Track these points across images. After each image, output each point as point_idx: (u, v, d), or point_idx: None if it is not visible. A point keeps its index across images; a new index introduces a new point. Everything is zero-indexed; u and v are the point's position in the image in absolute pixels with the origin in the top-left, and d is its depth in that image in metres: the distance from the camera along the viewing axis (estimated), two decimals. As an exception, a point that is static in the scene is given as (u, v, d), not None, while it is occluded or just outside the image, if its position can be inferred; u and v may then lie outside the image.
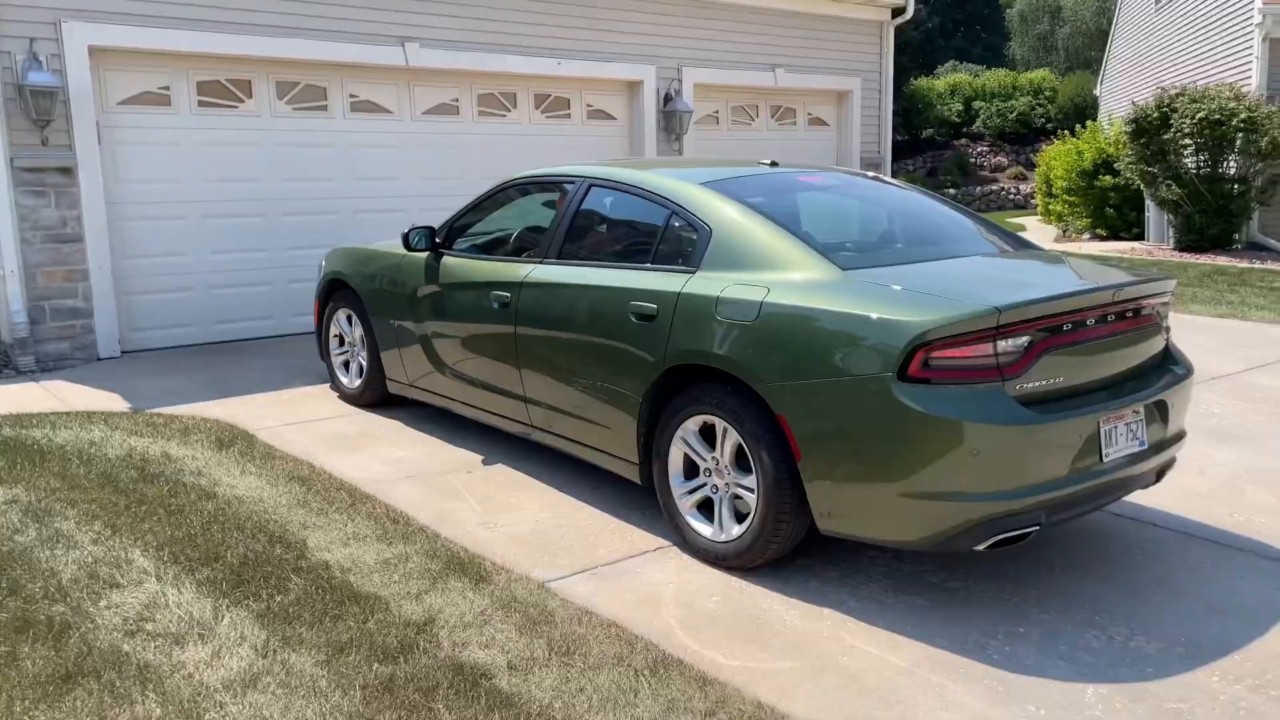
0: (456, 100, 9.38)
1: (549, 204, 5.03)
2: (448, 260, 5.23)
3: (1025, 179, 26.26)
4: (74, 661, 3.07)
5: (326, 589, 3.59)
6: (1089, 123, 18.27)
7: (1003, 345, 3.28)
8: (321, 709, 2.84)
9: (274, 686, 2.95)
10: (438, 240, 5.34)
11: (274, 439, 5.48)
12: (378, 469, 5.01)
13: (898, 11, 12.32)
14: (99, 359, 7.63)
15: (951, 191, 25.51)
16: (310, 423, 5.84)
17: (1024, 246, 4.42)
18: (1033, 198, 23.36)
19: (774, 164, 4.68)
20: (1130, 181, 15.27)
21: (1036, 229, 19.49)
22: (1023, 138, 28.18)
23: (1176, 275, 11.27)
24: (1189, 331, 8.28)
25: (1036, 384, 3.35)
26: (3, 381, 6.94)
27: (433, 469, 5.02)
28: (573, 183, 4.79)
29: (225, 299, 8.38)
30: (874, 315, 3.34)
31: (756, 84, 11.40)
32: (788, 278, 3.67)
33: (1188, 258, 13.26)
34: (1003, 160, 27.74)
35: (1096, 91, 23.05)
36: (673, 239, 4.17)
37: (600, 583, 3.73)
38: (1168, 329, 3.97)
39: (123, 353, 7.82)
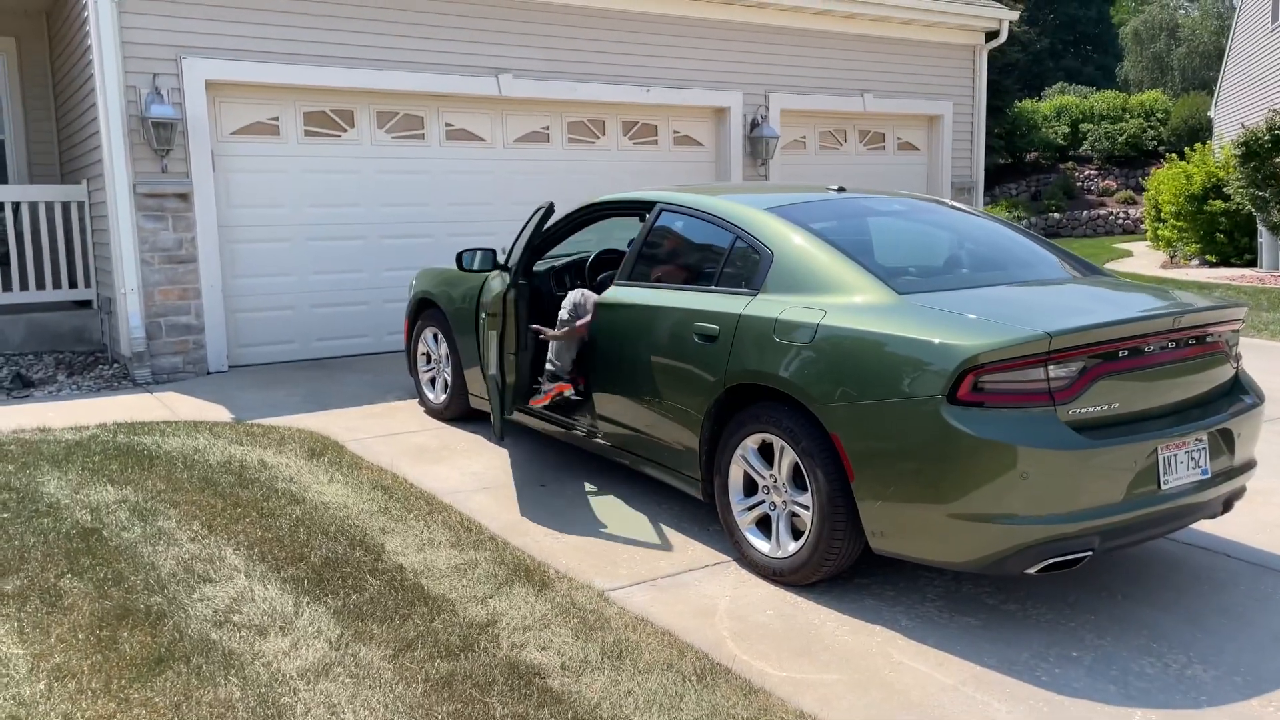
0: (547, 128, 9.69)
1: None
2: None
3: (1135, 203, 25.44)
4: (166, 647, 3.34)
5: (399, 590, 3.80)
6: (1198, 145, 17.68)
7: (1054, 370, 3.30)
8: (385, 699, 3.04)
9: (344, 676, 3.17)
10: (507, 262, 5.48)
11: (362, 450, 5.78)
12: (456, 480, 5.25)
13: (991, 35, 12.23)
14: (208, 372, 8.12)
15: (1056, 216, 24.90)
16: (396, 435, 6.13)
17: (1094, 273, 4.41)
18: (1142, 223, 22.62)
19: (841, 189, 4.76)
20: (1241, 206, 14.74)
21: (1144, 255, 18.91)
22: (1133, 161, 27.31)
23: (1285, 303, 10.84)
24: (1291, 361, 7.97)
25: (1090, 409, 3.35)
26: (120, 392, 7.46)
27: (507, 481, 5.23)
28: (644, 207, 4.96)
29: (325, 318, 8.82)
30: (925, 338, 3.40)
31: (845, 109, 11.43)
32: (845, 301, 3.75)
33: (1301, 285, 12.73)
34: (1111, 184, 26.94)
35: (1211, 113, 22.24)
36: (737, 262, 4.29)
37: (658, 593, 3.86)
38: (1238, 356, 3.91)
39: (230, 367, 8.30)
